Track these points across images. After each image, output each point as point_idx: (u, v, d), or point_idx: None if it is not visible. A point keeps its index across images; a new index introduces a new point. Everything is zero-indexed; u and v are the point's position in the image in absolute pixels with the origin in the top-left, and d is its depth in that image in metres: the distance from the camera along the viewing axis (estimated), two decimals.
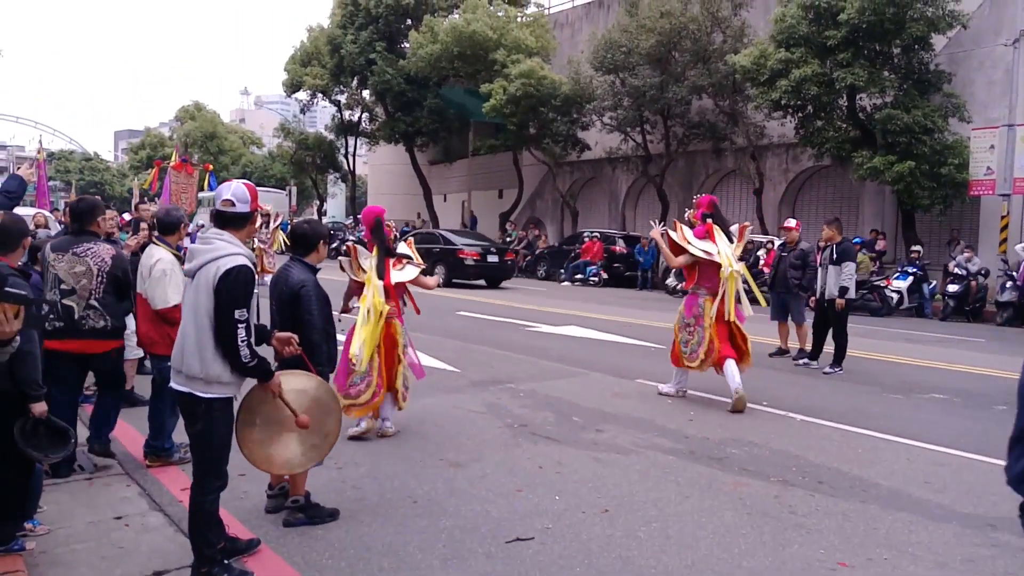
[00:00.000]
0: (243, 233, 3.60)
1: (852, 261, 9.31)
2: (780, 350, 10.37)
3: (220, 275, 3.35)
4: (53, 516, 4.22)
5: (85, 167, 75.01)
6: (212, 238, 3.51)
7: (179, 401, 3.57)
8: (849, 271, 9.19)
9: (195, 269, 3.47)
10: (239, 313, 3.34)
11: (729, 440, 6.16)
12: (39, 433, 3.66)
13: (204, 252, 3.47)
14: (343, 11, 33.43)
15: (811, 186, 23.65)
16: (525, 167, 30.65)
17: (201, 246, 3.52)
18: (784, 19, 17.90)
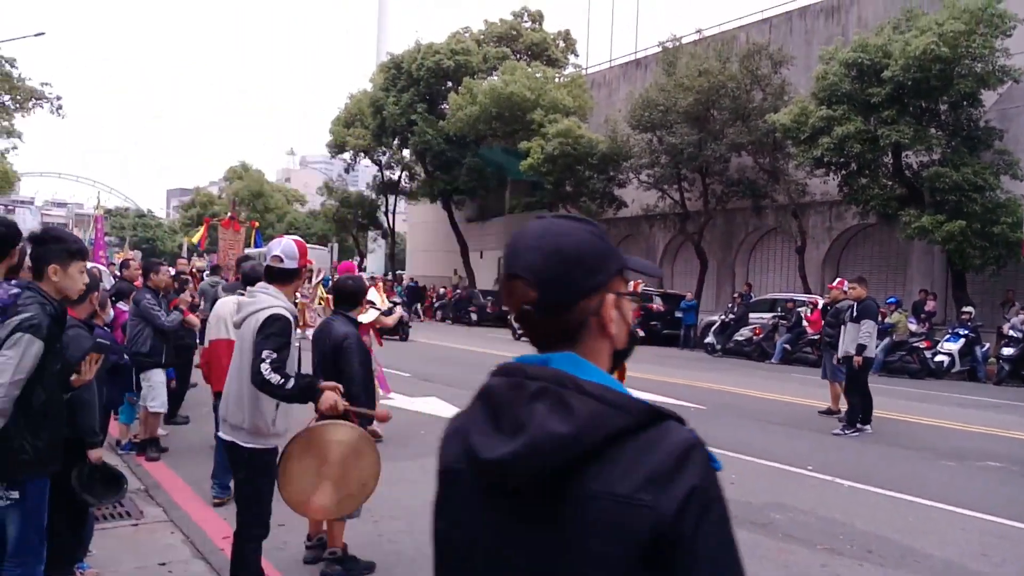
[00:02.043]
0: (289, 288, 3.73)
1: (872, 319, 9.15)
2: (829, 410, 10.15)
3: (260, 324, 3.48)
4: (102, 560, 4.33)
5: (138, 223, 77.85)
6: (257, 291, 3.69)
7: (225, 449, 3.70)
8: (867, 328, 9.01)
9: (241, 321, 3.65)
10: (266, 352, 3.38)
11: (773, 504, 5.86)
12: (95, 479, 3.74)
13: (249, 305, 3.65)
14: (385, 74, 34.45)
15: (856, 244, 23.20)
16: None
17: (247, 299, 3.72)
18: (826, 76, 17.82)
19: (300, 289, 11.74)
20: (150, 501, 5.56)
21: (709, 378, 13.76)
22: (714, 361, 17.92)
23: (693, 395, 11.57)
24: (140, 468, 6.43)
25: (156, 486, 5.92)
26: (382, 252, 50.82)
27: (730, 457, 7.42)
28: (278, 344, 3.43)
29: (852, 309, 9.26)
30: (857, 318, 9.15)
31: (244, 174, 56.37)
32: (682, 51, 23.70)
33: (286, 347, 3.49)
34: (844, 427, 8.90)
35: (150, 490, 5.81)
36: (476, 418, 1.13)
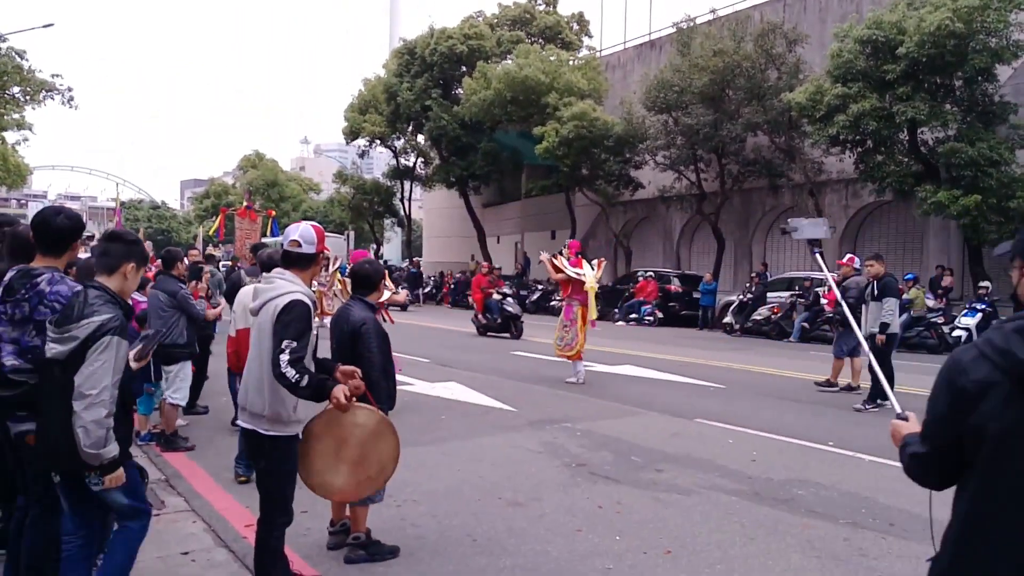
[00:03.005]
0: (307, 274, 3.73)
1: (894, 297, 9.12)
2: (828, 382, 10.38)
3: (279, 311, 3.47)
4: None
5: (153, 215, 78.31)
6: (275, 277, 3.67)
7: (245, 438, 3.73)
8: (890, 307, 8.99)
9: (258, 307, 3.63)
10: (286, 343, 3.38)
11: (794, 481, 5.97)
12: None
13: (267, 291, 3.63)
14: (399, 60, 34.39)
15: (873, 222, 23.08)
16: (578, 207, 30.75)
17: (264, 285, 3.69)
18: (841, 54, 17.70)
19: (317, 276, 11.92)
20: (171, 491, 5.56)
21: (728, 357, 13.83)
22: (733, 341, 17.97)
23: (713, 375, 11.67)
24: (160, 458, 6.43)
25: (177, 475, 5.95)
26: (398, 239, 51.02)
27: (751, 435, 7.56)
28: (298, 332, 3.42)
29: (873, 287, 9.22)
30: (879, 296, 9.09)
31: (258, 163, 56.57)
32: (696, 31, 23.54)
33: (306, 333, 3.48)
34: (865, 402, 8.97)
35: (171, 480, 5.82)
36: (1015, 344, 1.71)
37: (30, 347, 3.22)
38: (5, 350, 3.23)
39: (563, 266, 10.63)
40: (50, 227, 3.34)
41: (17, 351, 3.23)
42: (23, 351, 3.23)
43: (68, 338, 2.94)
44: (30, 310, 3.21)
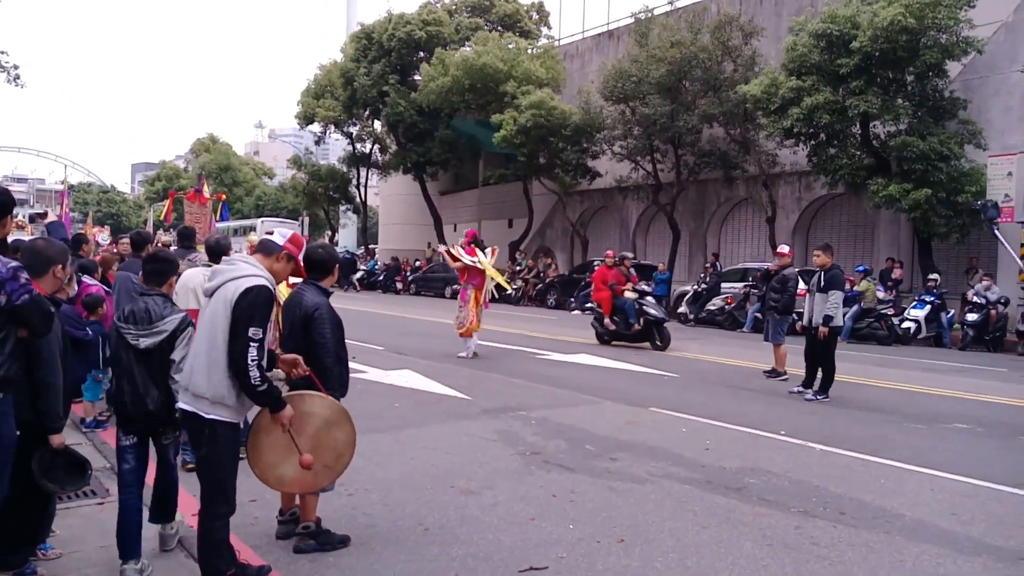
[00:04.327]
0: (267, 261, 3.68)
1: (839, 289, 9.05)
2: (774, 371, 10.56)
3: (240, 292, 3.40)
4: (65, 540, 4.19)
5: (102, 199, 76.32)
6: (236, 260, 3.61)
7: (184, 422, 3.57)
8: (835, 299, 8.94)
9: (215, 287, 3.52)
10: (253, 331, 3.35)
11: (747, 470, 5.98)
12: (57, 465, 3.62)
13: (226, 272, 3.55)
14: (356, 45, 33.89)
15: (825, 214, 23.50)
16: (535, 196, 30.72)
17: (224, 267, 3.61)
18: (795, 48, 17.91)
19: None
20: (115, 479, 5.43)
21: (683, 347, 13.92)
22: (687, 330, 18.11)
23: (667, 364, 11.72)
24: (106, 446, 6.23)
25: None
26: (354, 226, 50.42)
27: (704, 424, 7.58)
28: (263, 319, 3.38)
29: (819, 278, 9.21)
30: (824, 288, 9.03)
31: (211, 147, 55.42)
32: (654, 22, 23.65)
33: (267, 322, 3.43)
34: (816, 393, 9.08)
35: (115, 468, 5.70)
36: None
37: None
38: None
39: (459, 255, 11.80)
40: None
41: None
42: None
43: (157, 332, 3.76)
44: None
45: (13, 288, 3.14)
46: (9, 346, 3.21)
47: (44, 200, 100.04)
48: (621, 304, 13.80)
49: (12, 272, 3.16)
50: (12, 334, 3.22)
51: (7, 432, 3.26)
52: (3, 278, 3.12)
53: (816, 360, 9.22)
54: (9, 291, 3.13)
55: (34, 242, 3.94)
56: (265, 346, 3.45)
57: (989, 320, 15.45)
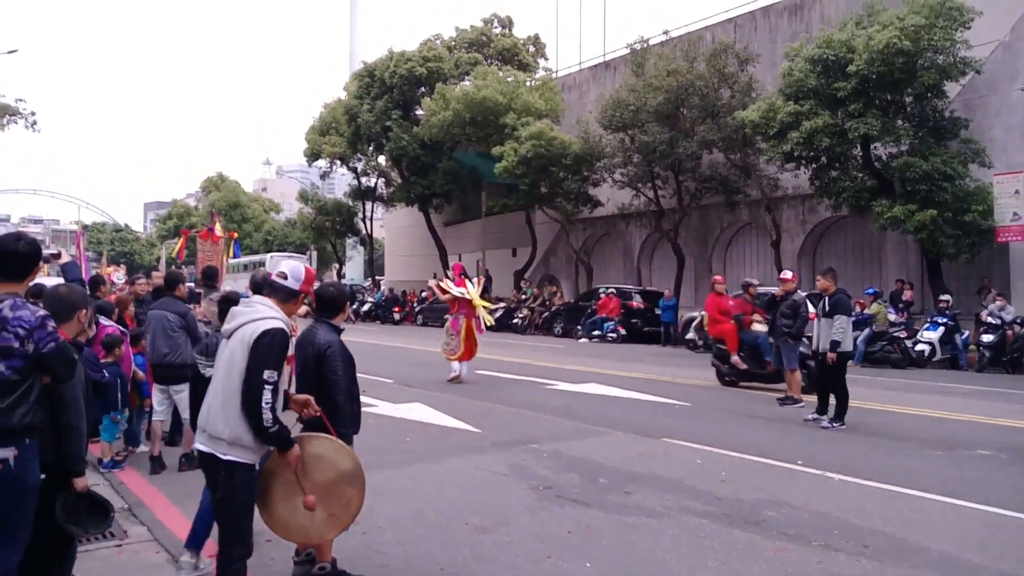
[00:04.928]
0: (286, 307, 3.69)
1: (844, 314, 8.91)
2: (788, 397, 10.42)
3: (257, 335, 3.42)
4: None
5: (116, 238, 77.25)
6: (254, 302, 3.64)
7: (201, 463, 3.59)
8: (841, 324, 8.82)
9: (232, 329, 3.56)
10: (268, 374, 3.38)
11: (765, 502, 5.85)
12: (80, 508, 3.62)
13: (244, 313, 3.57)
14: (359, 82, 34.33)
15: (830, 237, 23.45)
16: (538, 225, 30.78)
17: (242, 308, 3.64)
18: (792, 73, 18.00)
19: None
20: (134, 520, 5.40)
21: (693, 374, 13.80)
22: (696, 357, 17.96)
23: (678, 392, 11.59)
24: (123, 486, 6.29)
25: (140, 504, 5.79)
26: (361, 258, 50.63)
27: (719, 454, 7.45)
28: (278, 361, 3.41)
29: (824, 303, 9.15)
30: (829, 313, 8.94)
31: (220, 185, 56.05)
32: (650, 52, 23.84)
33: (282, 364, 3.45)
34: (831, 420, 8.94)
35: (133, 508, 5.66)
36: None
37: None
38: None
39: (448, 287, 12.59)
40: (11, 254, 3.36)
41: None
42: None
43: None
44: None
45: (41, 336, 3.22)
46: (35, 393, 3.27)
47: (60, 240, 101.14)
48: (751, 339, 11.79)
49: (40, 320, 3.25)
50: (38, 381, 3.29)
51: (32, 478, 3.31)
52: (32, 326, 3.21)
53: (828, 386, 9.12)
54: (37, 339, 3.22)
55: (57, 288, 4.02)
56: (280, 389, 3.47)
57: (1006, 341, 15.18)
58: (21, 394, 3.22)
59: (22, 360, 3.21)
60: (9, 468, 3.21)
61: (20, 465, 3.24)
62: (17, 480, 3.24)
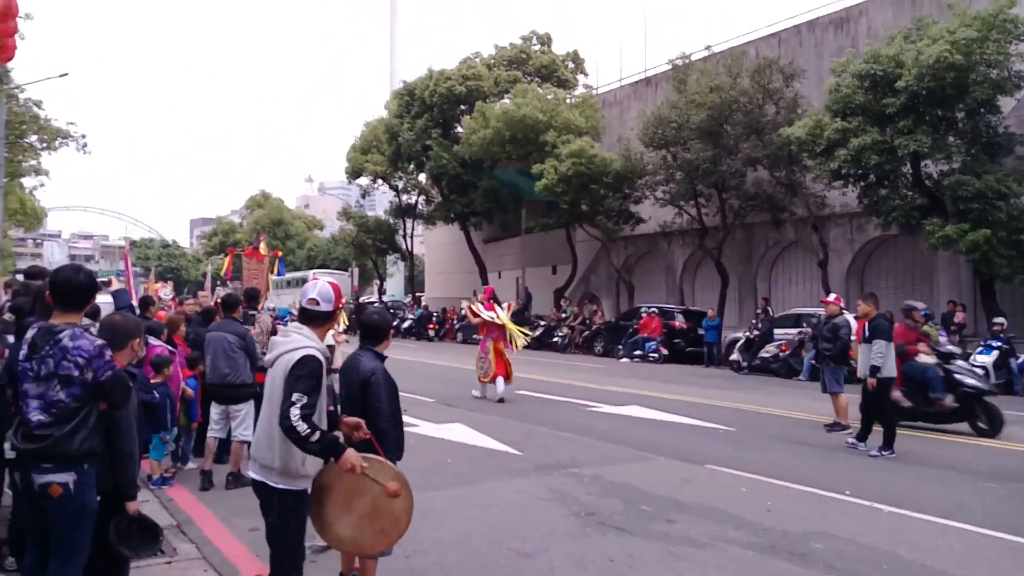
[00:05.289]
0: (323, 330, 3.79)
1: (884, 339, 8.82)
2: (837, 424, 10.22)
3: (292, 364, 3.49)
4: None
5: (163, 254, 79.41)
6: (291, 331, 3.72)
7: (255, 490, 3.67)
8: (879, 349, 8.75)
9: (272, 360, 3.64)
10: (296, 396, 3.40)
11: (812, 533, 5.73)
12: (132, 531, 3.75)
13: (282, 344, 3.64)
14: (399, 101, 34.81)
15: (880, 256, 22.95)
16: (578, 243, 30.74)
17: (280, 338, 3.72)
18: (839, 89, 17.74)
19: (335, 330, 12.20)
20: (183, 537, 5.52)
21: (737, 397, 13.60)
22: (740, 379, 17.72)
23: (722, 416, 11.43)
24: (172, 503, 6.43)
25: (188, 521, 5.90)
26: (401, 275, 51.18)
27: (764, 482, 7.32)
28: (309, 387, 3.44)
29: (865, 328, 9.13)
30: (869, 338, 8.92)
31: (264, 202, 57.27)
32: (692, 68, 23.72)
33: (317, 390, 3.49)
34: (880, 448, 8.73)
35: (182, 526, 5.79)
36: None
37: (53, 401, 3.34)
38: (31, 405, 3.36)
39: (479, 311, 12.96)
40: (72, 285, 3.54)
41: (42, 406, 3.35)
42: (47, 405, 3.35)
43: None
44: (54, 365, 3.35)
45: (99, 365, 3.38)
46: (92, 419, 3.41)
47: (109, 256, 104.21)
48: (919, 372, 10.12)
49: (98, 350, 3.40)
50: (95, 408, 3.43)
51: (90, 502, 3.43)
52: (91, 355, 3.36)
53: (872, 413, 8.97)
54: (95, 368, 3.37)
55: (112, 317, 4.19)
56: (321, 408, 3.54)
57: None
58: (80, 420, 3.36)
59: (81, 388, 3.35)
60: (69, 492, 3.34)
61: (79, 490, 3.37)
62: (76, 504, 3.37)
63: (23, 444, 3.35)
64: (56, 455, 3.32)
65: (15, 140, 21.71)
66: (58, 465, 3.33)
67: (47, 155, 25.02)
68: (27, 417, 3.36)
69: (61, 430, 3.32)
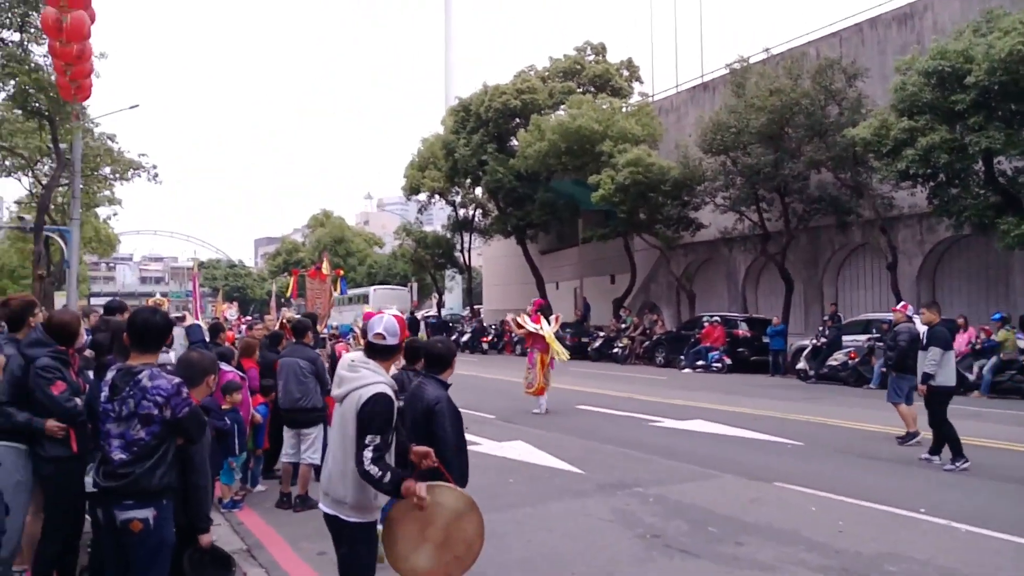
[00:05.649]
0: (389, 362, 3.84)
1: (939, 347, 8.78)
2: (908, 434, 9.99)
3: (363, 402, 3.53)
4: None
5: (229, 273, 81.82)
6: (359, 366, 3.73)
7: (327, 523, 3.73)
8: (932, 356, 8.75)
9: (342, 396, 3.67)
10: (369, 439, 3.46)
11: (886, 555, 5.55)
12: (205, 563, 3.88)
13: (351, 380, 3.66)
14: (455, 117, 35.21)
15: (952, 257, 22.09)
16: (637, 252, 30.49)
17: (349, 374, 3.74)
18: (904, 87, 17.16)
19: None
20: (252, 561, 5.61)
21: (805, 409, 13.26)
22: (808, 388, 17.28)
23: (790, 430, 11.17)
24: (242, 527, 6.56)
25: (259, 546, 6.01)
26: (460, 289, 51.63)
27: (835, 501, 7.12)
28: (380, 426, 3.49)
29: (924, 336, 9.09)
30: (926, 345, 8.94)
31: (326, 221, 58.61)
32: (751, 71, 23.29)
33: (388, 427, 3.55)
34: (952, 461, 8.46)
35: (252, 550, 5.89)
36: None
37: (134, 440, 3.47)
38: (113, 444, 3.49)
39: (524, 323, 13.28)
40: (150, 327, 3.69)
41: (123, 445, 3.48)
42: (128, 444, 3.47)
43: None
44: (135, 405, 3.47)
45: (176, 403, 3.51)
46: (170, 455, 3.55)
47: (178, 277, 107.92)
48: None
49: (176, 388, 3.53)
50: (172, 444, 3.57)
51: (168, 536, 3.57)
52: (169, 394, 3.49)
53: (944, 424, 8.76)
54: (173, 405, 3.50)
55: (188, 354, 4.38)
56: (391, 444, 3.59)
57: None
58: (160, 457, 3.50)
59: (160, 425, 3.49)
60: (149, 528, 3.46)
61: (158, 524, 3.50)
62: (156, 539, 3.50)
63: (105, 482, 3.48)
64: (137, 492, 3.45)
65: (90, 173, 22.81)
66: (138, 501, 3.45)
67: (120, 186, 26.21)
68: (109, 455, 3.49)
69: (142, 467, 3.45)
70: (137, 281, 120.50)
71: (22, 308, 5.01)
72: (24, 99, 17.57)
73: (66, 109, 16.30)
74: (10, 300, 5.27)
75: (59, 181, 21.67)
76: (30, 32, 17.20)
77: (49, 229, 23.23)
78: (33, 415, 4.40)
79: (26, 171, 24.22)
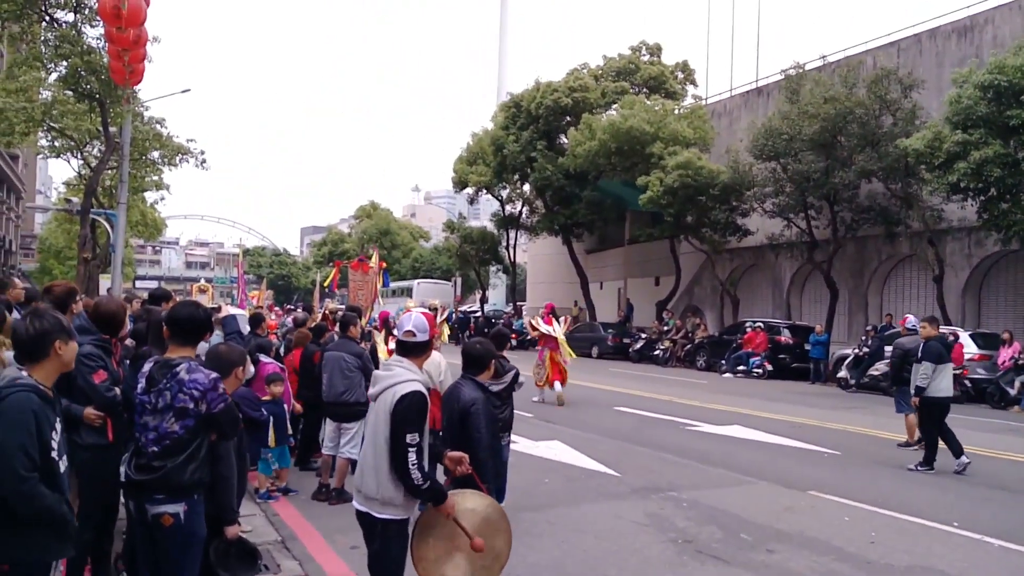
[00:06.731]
0: (421, 360, 3.88)
1: (930, 360, 9.22)
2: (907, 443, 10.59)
3: (396, 400, 3.55)
4: None
5: (274, 262, 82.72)
6: (393, 364, 3.76)
7: (359, 520, 3.80)
8: (923, 371, 9.22)
9: (376, 394, 3.69)
10: (410, 437, 3.49)
11: (917, 568, 5.70)
12: (231, 554, 3.90)
13: (385, 378, 3.70)
14: (506, 113, 35.42)
15: (999, 272, 21.71)
16: (682, 254, 30.43)
17: (382, 372, 3.79)
18: (960, 100, 16.97)
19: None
20: (286, 553, 5.64)
21: (844, 418, 13.29)
22: (848, 397, 17.21)
23: (827, 438, 11.25)
24: (277, 518, 6.59)
25: (292, 537, 6.06)
26: (503, 285, 51.90)
27: (869, 511, 7.25)
28: (416, 421, 3.53)
29: (919, 349, 9.51)
30: (920, 359, 9.36)
31: (373, 212, 59.35)
32: (806, 78, 23.11)
33: (423, 424, 3.59)
34: (921, 463, 9.21)
35: (286, 542, 5.92)
36: None
37: (167, 433, 3.44)
38: (148, 437, 3.46)
39: (538, 325, 14.95)
40: (193, 322, 3.70)
41: (156, 438, 3.45)
42: (161, 437, 3.44)
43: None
44: (171, 398, 3.45)
45: (213, 398, 3.49)
46: (203, 450, 3.53)
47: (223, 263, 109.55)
48: None
49: (213, 383, 3.51)
50: (206, 439, 3.56)
51: (199, 530, 3.56)
52: (205, 388, 3.47)
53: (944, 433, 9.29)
54: (209, 400, 3.47)
55: (218, 347, 4.42)
56: (425, 447, 3.60)
57: None
58: (192, 452, 3.46)
59: (195, 420, 3.46)
60: (180, 522, 3.45)
61: (189, 519, 3.48)
62: (187, 533, 3.49)
63: (137, 475, 3.48)
64: (168, 486, 3.42)
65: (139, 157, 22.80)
66: (169, 496, 3.43)
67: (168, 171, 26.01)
68: (143, 447, 3.49)
69: (174, 461, 3.42)
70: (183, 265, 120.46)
71: (65, 295, 5.17)
72: (76, 81, 17.32)
73: (117, 92, 16.15)
74: (53, 287, 5.42)
75: (108, 164, 21.53)
76: (84, 13, 17.15)
77: (96, 212, 23.20)
78: (72, 402, 4.25)
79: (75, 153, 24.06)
